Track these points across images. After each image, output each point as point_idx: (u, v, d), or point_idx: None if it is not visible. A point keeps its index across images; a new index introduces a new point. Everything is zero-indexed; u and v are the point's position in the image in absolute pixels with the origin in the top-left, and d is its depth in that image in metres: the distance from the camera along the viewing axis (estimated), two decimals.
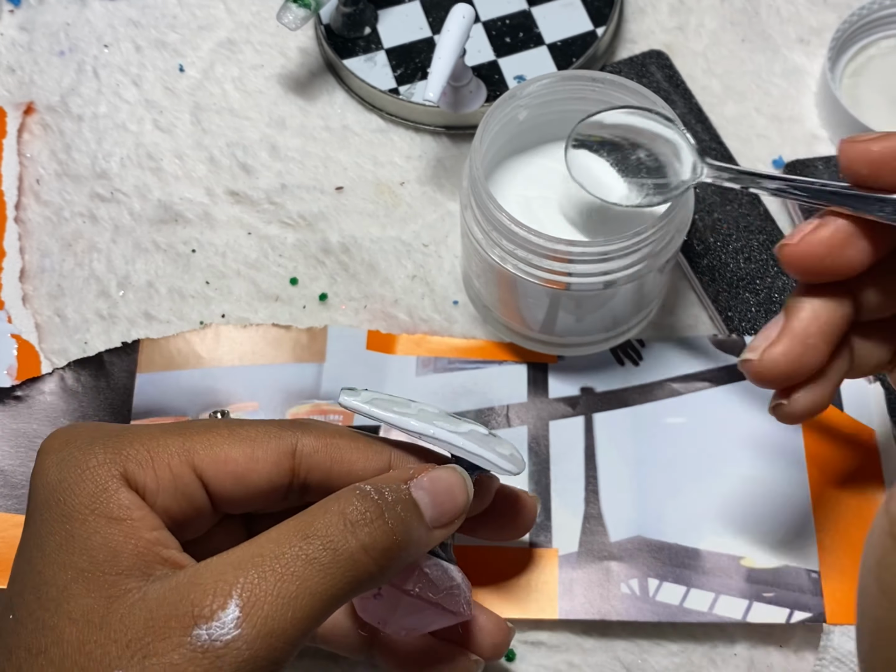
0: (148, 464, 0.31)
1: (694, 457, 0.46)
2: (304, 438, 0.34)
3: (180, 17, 0.59)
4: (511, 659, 0.43)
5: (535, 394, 0.47)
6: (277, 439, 0.34)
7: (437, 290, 0.51)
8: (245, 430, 0.33)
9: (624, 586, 0.43)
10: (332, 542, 0.29)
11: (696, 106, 0.54)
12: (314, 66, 0.58)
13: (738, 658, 0.43)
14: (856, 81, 0.55)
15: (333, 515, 0.30)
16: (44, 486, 0.31)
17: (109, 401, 0.47)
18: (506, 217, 0.40)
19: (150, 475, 0.31)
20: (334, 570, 0.29)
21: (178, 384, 0.47)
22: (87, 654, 0.28)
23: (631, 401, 0.47)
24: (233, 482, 0.33)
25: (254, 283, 0.51)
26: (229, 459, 0.32)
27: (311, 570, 0.29)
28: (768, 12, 0.58)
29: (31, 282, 0.52)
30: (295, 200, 0.53)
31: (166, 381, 0.48)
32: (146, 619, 0.28)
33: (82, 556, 0.29)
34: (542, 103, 0.44)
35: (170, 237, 0.53)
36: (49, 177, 0.55)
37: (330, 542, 0.29)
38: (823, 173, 0.51)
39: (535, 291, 0.43)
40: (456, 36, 0.47)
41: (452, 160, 0.54)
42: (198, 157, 0.55)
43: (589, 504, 0.45)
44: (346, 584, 0.30)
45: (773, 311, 0.48)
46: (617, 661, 0.43)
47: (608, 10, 0.56)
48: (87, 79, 0.57)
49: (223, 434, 0.33)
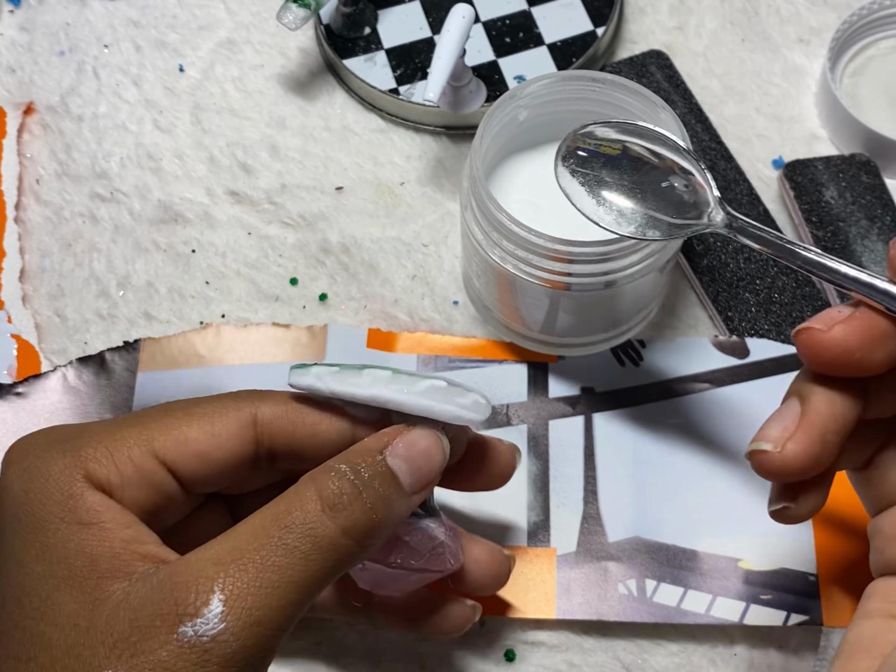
0: (108, 460, 0.31)
1: (693, 458, 0.46)
2: (263, 406, 0.34)
3: (180, 17, 0.59)
4: (511, 659, 0.43)
5: (535, 393, 0.47)
6: (236, 411, 0.33)
7: (437, 290, 0.51)
8: (201, 407, 0.33)
9: (621, 587, 0.43)
10: (312, 529, 0.29)
11: (696, 106, 0.54)
12: (314, 66, 0.58)
13: (738, 658, 0.43)
14: (856, 81, 0.55)
15: (310, 501, 0.30)
16: (10, 499, 0.30)
17: (110, 399, 0.47)
18: (506, 217, 0.40)
19: (112, 471, 0.31)
20: (315, 556, 0.29)
21: (179, 383, 0.47)
22: (75, 657, 0.28)
23: (631, 401, 0.47)
24: (197, 462, 0.32)
25: (254, 283, 0.51)
26: (190, 439, 0.32)
27: (293, 559, 0.29)
28: (768, 12, 0.58)
29: (31, 282, 0.52)
30: (295, 200, 0.53)
31: (167, 379, 0.48)
32: (131, 620, 0.28)
33: (60, 565, 0.29)
34: (543, 103, 0.44)
35: (170, 237, 0.53)
36: (49, 177, 0.55)
37: (309, 529, 0.29)
38: (823, 173, 0.51)
39: (535, 291, 0.43)
40: (456, 36, 0.47)
41: (452, 160, 0.54)
42: (198, 157, 0.55)
43: (587, 504, 0.45)
44: (328, 568, 0.30)
45: (772, 311, 0.48)
46: (617, 661, 0.43)
47: (608, 10, 0.56)
48: (87, 79, 0.57)
49: (179, 415, 0.33)
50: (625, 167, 0.37)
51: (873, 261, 0.49)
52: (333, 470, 0.31)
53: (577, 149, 0.37)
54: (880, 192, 0.51)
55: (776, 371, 0.47)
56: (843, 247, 0.49)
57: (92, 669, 0.27)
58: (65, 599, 0.28)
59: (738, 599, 0.42)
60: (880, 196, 0.50)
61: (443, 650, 0.43)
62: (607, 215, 0.36)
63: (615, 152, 0.37)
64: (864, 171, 0.51)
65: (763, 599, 0.42)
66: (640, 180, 0.36)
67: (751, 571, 0.43)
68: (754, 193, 0.51)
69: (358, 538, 0.30)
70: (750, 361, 0.47)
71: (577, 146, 0.37)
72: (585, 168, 0.37)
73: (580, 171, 0.37)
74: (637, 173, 0.36)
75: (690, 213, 0.35)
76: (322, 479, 0.30)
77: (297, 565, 0.29)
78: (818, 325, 0.30)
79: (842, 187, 0.51)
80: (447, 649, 0.43)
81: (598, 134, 0.37)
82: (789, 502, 0.31)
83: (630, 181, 0.36)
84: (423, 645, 0.43)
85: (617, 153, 0.37)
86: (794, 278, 0.49)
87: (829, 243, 0.49)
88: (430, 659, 0.43)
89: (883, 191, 0.51)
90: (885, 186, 0.51)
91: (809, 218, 0.50)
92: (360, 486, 0.31)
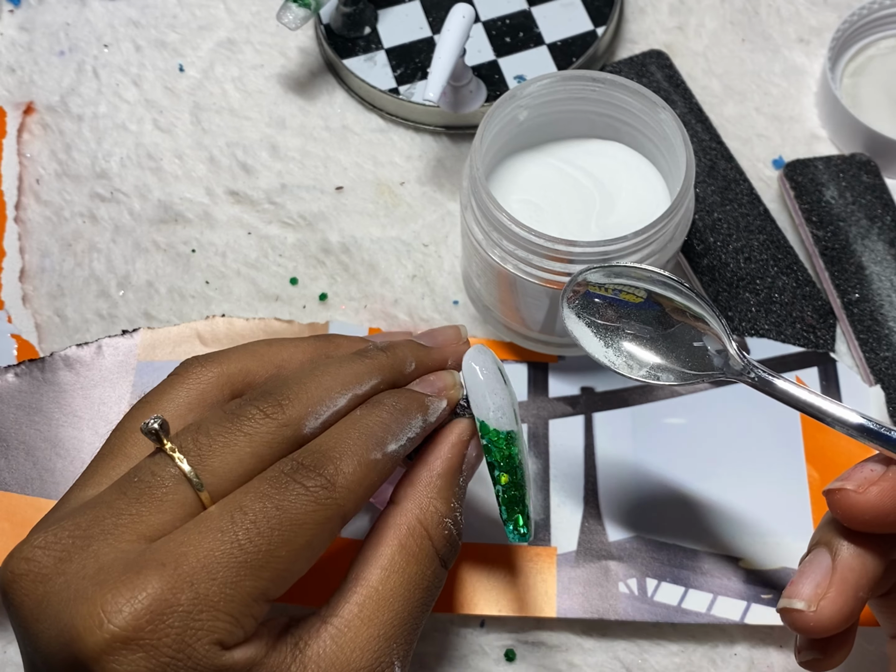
0: (236, 627, 0.29)
1: (693, 458, 0.46)
2: (348, 504, 0.31)
3: (180, 17, 0.59)
4: (511, 659, 0.43)
5: (535, 392, 0.47)
6: (329, 523, 0.31)
7: (437, 290, 0.51)
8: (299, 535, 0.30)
9: (622, 586, 0.43)
10: (439, 583, 0.34)
11: (696, 106, 0.54)
12: (314, 66, 0.58)
13: (738, 658, 0.43)
14: (856, 81, 0.55)
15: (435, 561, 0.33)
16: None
17: (108, 381, 0.47)
18: (506, 217, 0.40)
19: (239, 633, 0.29)
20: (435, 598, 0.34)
21: None
22: None
23: (631, 401, 0.47)
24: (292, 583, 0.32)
25: (254, 283, 0.51)
26: (295, 574, 0.30)
27: (429, 609, 0.33)
28: (768, 12, 0.58)
29: (31, 282, 0.52)
30: (295, 200, 0.53)
31: (166, 369, 0.48)
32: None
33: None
34: (543, 103, 0.44)
35: (170, 237, 0.53)
36: (49, 177, 0.55)
37: (438, 584, 0.33)
38: (823, 173, 0.51)
39: (535, 291, 0.43)
40: (456, 36, 0.47)
41: (452, 160, 0.54)
42: (198, 156, 0.55)
43: (588, 503, 0.45)
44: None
45: (772, 311, 0.48)
46: (617, 660, 0.43)
47: (608, 9, 0.56)
48: (87, 79, 0.57)
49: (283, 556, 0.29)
50: (633, 314, 0.36)
51: (873, 260, 0.49)
52: (442, 526, 0.34)
53: (585, 293, 0.36)
54: (880, 192, 0.51)
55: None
56: (843, 247, 0.49)
57: None
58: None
59: (739, 599, 0.42)
60: (880, 196, 0.50)
61: (443, 650, 0.43)
62: (617, 358, 0.35)
63: (636, 300, 0.35)
64: (864, 170, 0.51)
65: (764, 599, 0.42)
66: (648, 328, 0.35)
67: (752, 571, 0.43)
68: (754, 193, 0.51)
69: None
70: None
71: (587, 291, 0.36)
72: (591, 312, 0.36)
73: (586, 314, 0.36)
74: (646, 321, 0.35)
75: (705, 360, 0.34)
76: (437, 536, 0.33)
77: (428, 610, 0.33)
78: (851, 485, 0.30)
79: (842, 187, 0.51)
80: (447, 649, 0.43)
81: (595, 280, 0.36)
82: (820, 654, 0.31)
83: (638, 328, 0.36)
84: (424, 645, 0.43)
85: (638, 300, 0.35)
86: (794, 278, 0.49)
87: (829, 243, 0.49)
88: (430, 658, 0.43)
89: (883, 191, 0.51)
90: (885, 186, 0.51)
91: (809, 218, 0.50)
92: (459, 529, 0.34)
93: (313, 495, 0.30)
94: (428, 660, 0.43)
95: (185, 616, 0.27)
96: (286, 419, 0.32)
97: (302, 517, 0.29)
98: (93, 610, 0.27)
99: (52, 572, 0.28)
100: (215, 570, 0.28)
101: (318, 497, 0.30)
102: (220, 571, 0.28)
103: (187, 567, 0.28)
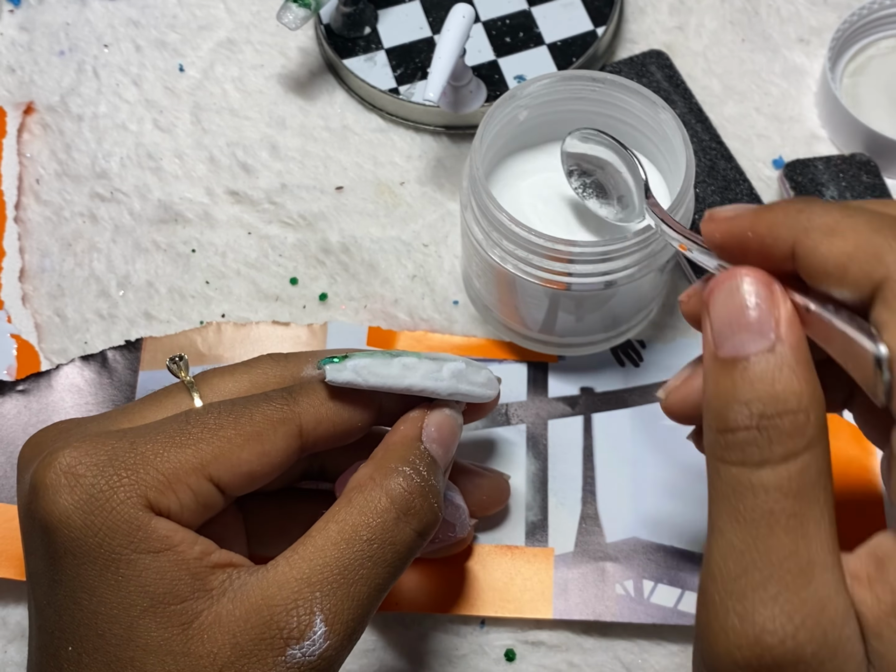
0: (168, 489, 0.31)
1: (691, 459, 0.45)
2: (305, 415, 0.34)
3: (180, 17, 0.59)
4: (511, 659, 0.43)
5: (534, 392, 0.47)
6: (283, 425, 0.33)
7: (437, 290, 0.51)
8: (249, 423, 0.33)
9: (619, 587, 0.43)
10: (392, 537, 0.31)
11: (696, 106, 0.54)
12: (314, 66, 0.58)
13: None
14: (856, 81, 0.55)
15: (387, 510, 0.32)
16: (72, 531, 0.30)
17: (112, 398, 0.47)
18: (506, 217, 0.40)
19: (172, 499, 0.31)
20: (397, 562, 0.32)
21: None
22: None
23: (630, 402, 0.47)
24: (247, 480, 0.33)
25: (254, 283, 0.51)
26: (242, 462, 0.32)
27: (378, 569, 0.31)
28: (768, 12, 0.58)
29: (31, 282, 0.52)
30: (295, 200, 0.53)
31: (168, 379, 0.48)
32: (232, 645, 0.29)
33: (140, 594, 0.29)
34: (543, 103, 0.44)
35: (170, 237, 0.53)
36: (49, 177, 0.55)
37: (389, 537, 0.31)
38: (823, 173, 0.51)
39: (535, 291, 0.43)
40: (456, 36, 0.47)
41: (452, 160, 0.54)
42: (198, 156, 0.55)
43: (586, 504, 0.45)
44: (403, 568, 0.32)
45: None
46: (617, 660, 0.43)
47: (608, 9, 0.56)
48: (87, 79, 0.57)
49: (230, 436, 0.32)
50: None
51: None
52: (398, 473, 0.32)
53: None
54: (880, 192, 0.51)
55: None
56: None
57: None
58: (151, 626, 0.29)
59: None
60: (880, 196, 0.50)
61: (443, 650, 0.43)
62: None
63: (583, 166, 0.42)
64: (864, 171, 0.51)
65: None
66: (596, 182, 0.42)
67: None
68: (754, 193, 0.51)
69: (426, 535, 0.33)
70: None
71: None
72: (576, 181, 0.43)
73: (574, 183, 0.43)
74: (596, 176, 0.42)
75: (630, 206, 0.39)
76: (391, 485, 0.32)
77: (381, 574, 0.31)
78: (662, 394, 0.34)
79: (842, 187, 0.51)
80: (447, 649, 0.43)
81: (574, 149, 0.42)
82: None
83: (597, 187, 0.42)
84: (424, 644, 0.43)
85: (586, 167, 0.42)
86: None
87: None
88: (430, 658, 0.43)
89: (883, 191, 0.51)
90: (885, 186, 0.51)
91: None
92: (424, 485, 0.33)
93: (273, 402, 0.33)
94: (428, 660, 0.43)
95: (119, 465, 0.30)
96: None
97: (252, 407, 0.33)
98: (52, 456, 0.31)
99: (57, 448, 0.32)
100: (157, 435, 0.32)
101: (277, 404, 0.33)
102: (161, 435, 0.32)
103: (137, 434, 0.32)
